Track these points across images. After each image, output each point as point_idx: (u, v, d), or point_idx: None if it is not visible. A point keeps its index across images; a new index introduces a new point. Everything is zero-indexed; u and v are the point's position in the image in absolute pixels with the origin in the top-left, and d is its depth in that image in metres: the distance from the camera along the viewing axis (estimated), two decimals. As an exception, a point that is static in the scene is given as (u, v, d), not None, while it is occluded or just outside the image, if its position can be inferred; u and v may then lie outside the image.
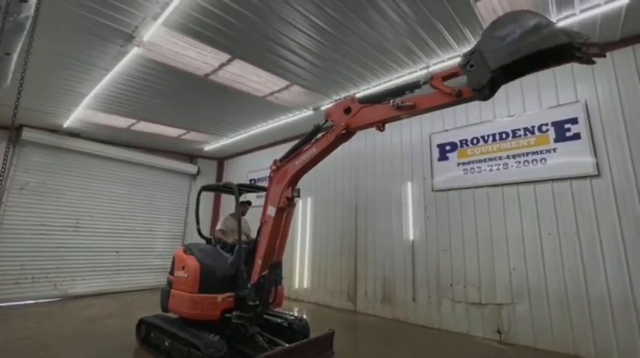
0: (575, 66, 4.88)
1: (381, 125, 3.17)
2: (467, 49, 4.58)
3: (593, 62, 2.23)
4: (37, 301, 7.10)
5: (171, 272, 4.46)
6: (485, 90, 2.50)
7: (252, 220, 5.27)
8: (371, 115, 3.24)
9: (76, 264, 7.93)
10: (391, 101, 3.04)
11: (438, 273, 5.68)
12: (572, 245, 4.51)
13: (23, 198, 7.40)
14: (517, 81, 5.50)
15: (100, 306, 6.87)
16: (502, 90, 5.59)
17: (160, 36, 4.33)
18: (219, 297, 3.92)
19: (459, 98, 2.64)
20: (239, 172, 10.44)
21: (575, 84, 4.84)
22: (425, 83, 2.72)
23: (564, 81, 4.91)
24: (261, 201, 4.19)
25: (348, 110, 3.39)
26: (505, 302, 4.91)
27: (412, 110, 2.92)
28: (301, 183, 4.11)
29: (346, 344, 4.72)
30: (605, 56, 2.24)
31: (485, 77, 2.43)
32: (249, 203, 5.44)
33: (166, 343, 3.90)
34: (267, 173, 4.25)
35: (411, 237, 6.15)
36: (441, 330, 5.41)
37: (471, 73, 2.48)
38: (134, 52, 4.68)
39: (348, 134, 3.51)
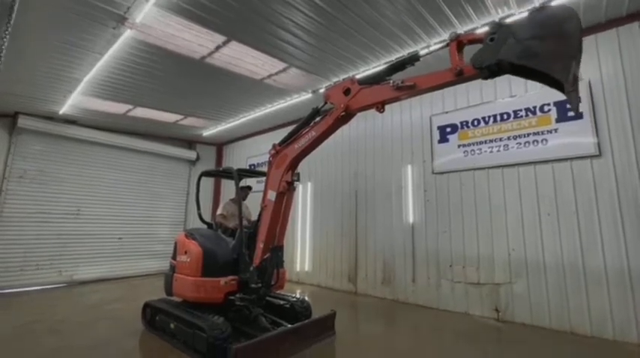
0: (580, 43, 4.78)
1: (380, 106, 3.12)
2: (468, 27, 4.51)
3: (579, 113, 2.24)
4: (43, 287, 7.22)
5: (174, 257, 4.50)
6: (484, 72, 2.45)
7: (252, 205, 5.28)
8: (370, 96, 3.18)
9: (79, 250, 8.02)
10: (391, 81, 2.98)
11: (438, 255, 5.75)
12: (570, 225, 4.55)
13: (23, 187, 7.39)
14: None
15: (105, 291, 7.00)
16: (504, 70, 5.39)
17: (152, 17, 4.20)
18: (222, 280, 3.98)
19: (459, 77, 2.57)
20: (238, 158, 10.40)
21: (578, 62, 4.73)
22: (447, 45, 2.59)
23: (568, 59, 4.81)
24: (262, 186, 4.19)
25: (347, 91, 3.34)
26: (503, 281, 5.00)
27: (412, 90, 2.87)
28: (301, 168, 4.10)
29: (347, 324, 4.83)
30: (581, 117, 2.25)
31: (489, 60, 2.36)
32: (249, 188, 5.44)
33: (172, 325, 3.98)
34: (267, 158, 4.23)
35: (411, 220, 6.18)
36: (440, 310, 5.53)
37: (484, 46, 2.38)
38: (127, 35, 4.56)
39: (347, 116, 3.46)
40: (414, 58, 2.98)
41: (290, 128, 4.03)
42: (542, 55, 2.17)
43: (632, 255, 4.08)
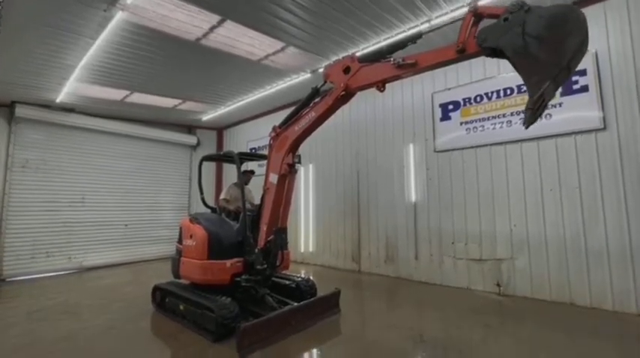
0: (587, 14, 4.60)
1: (381, 85, 3.07)
2: (471, -3, 4.33)
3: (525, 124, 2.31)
4: (54, 274, 7.40)
5: (180, 242, 4.58)
6: (487, 51, 2.41)
7: (255, 188, 5.30)
8: (371, 75, 3.12)
9: (86, 237, 8.15)
10: (392, 59, 2.91)
11: (440, 232, 5.81)
12: (573, 200, 4.55)
13: (26, 176, 7.43)
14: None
15: (114, 276, 7.17)
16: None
17: (144, -3, 4.06)
18: (228, 263, 4.06)
19: (461, 55, 2.51)
20: (239, 142, 10.35)
21: (585, 32, 4.58)
22: (474, 12, 2.46)
23: (574, 30, 4.65)
24: (264, 170, 4.18)
25: (347, 70, 3.27)
26: (505, 257, 5.06)
27: (414, 68, 2.81)
28: (301, 150, 4.08)
29: (352, 301, 4.96)
30: (525, 128, 2.36)
31: (492, 42, 2.32)
32: (252, 172, 5.45)
33: (181, 307, 4.10)
34: (268, 141, 4.21)
35: (413, 199, 6.21)
36: (442, 286, 5.64)
37: (495, 24, 2.31)
38: (119, 17, 4.42)
39: (347, 95, 3.42)
40: (416, 36, 2.91)
41: (290, 110, 3.98)
42: (531, 58, 2.15)
43: (633, 228, 4.10)
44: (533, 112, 2.21)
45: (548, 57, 2.11)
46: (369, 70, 3.14)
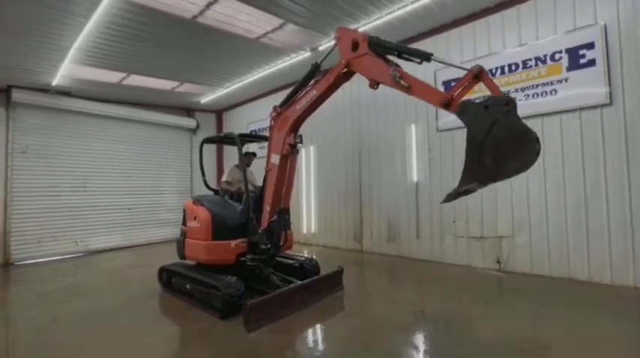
0: (597, -18, 4.44)
1: (375, 84, 3.06)
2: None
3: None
4: (61, 257, 7.53)
5: (184, 223, 4.63)
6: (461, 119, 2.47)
7: (256, 170, 5.29)
8: (370, 70, 3.11)
9: (91, 221, 8.24)
10: (392, 67, 2.89)
11: (441, 211, 5.83)
12: (575, 177, 4.54)
13: (28, 162, 7.42)
14: (531, 3, 5.02)
15: (120, 259, 7.30)
16: (514, 17, 5.14)
17: (136, -27, 3.91)
18: (233, 243, 4.11)
19: (444, 107, 2.59)
20: (239, 124, 10.25)
21: (595, 3, 4.42)
22: (475, 75, 2.46)
23: (584, 1, 4.49)
24: (265, 153, 4.15)
25: (355, 46, 3.18)
26: (506, 234, 5.11)
27: (406, 90, 2.84)
28: (302, 131, 4.04)
29: (354, 279, 5.06)
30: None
31: (464, 118, 2.40)
32: (254, 154, 5.42)
33: (188, 286, 4.19)
34: (268, 123, 4.16)
35: (415, 179, 6.20)
36: (443, 263, 5.74)
37: (478, 104, 2.34)
38: (112, -5, 4.28)
39: (349, 73, 3.35)
40: (424, 57, 2.90)
41: (290, 89, 3.91)
42: (479, 157, 2.22)
43: (635, 204, 4.11)
44: (454, 197, 2.45)
45: (491, 164, 2.20)
46: (371, 63, 3.09)
